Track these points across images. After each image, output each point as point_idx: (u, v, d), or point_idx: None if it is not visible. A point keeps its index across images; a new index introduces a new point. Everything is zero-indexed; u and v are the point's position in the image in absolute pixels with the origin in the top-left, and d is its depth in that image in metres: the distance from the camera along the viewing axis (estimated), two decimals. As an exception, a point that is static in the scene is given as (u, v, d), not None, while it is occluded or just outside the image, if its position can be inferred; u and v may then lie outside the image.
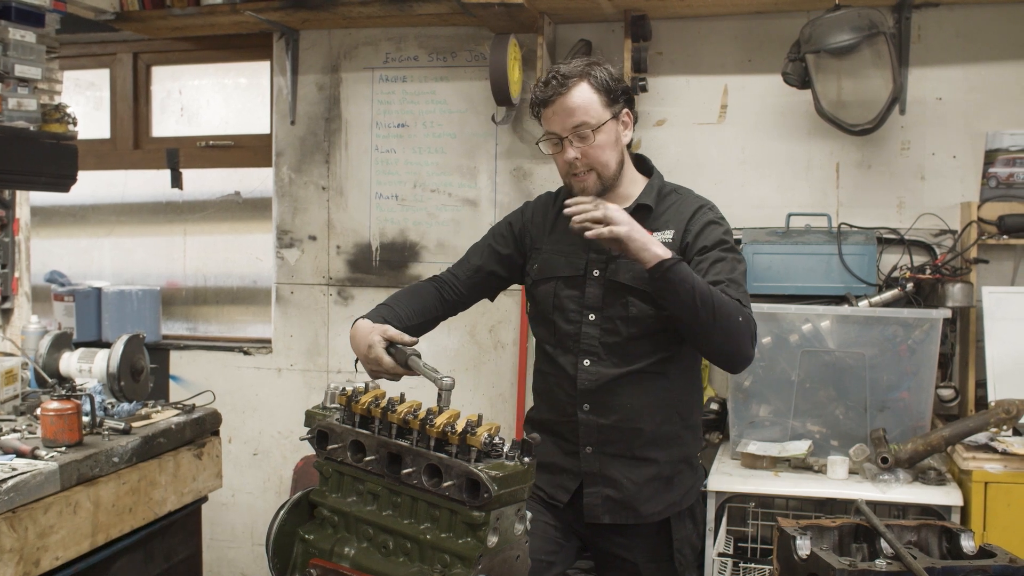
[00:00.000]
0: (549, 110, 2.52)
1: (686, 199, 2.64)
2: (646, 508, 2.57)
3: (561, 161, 2.55)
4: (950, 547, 2.16)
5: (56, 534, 2.62)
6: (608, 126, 2.51)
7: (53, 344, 3.41)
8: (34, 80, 3.18)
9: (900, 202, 3.95)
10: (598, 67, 2.53)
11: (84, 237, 5.15)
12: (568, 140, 2.50)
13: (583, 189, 2.54)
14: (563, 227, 2.63)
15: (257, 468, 4.73)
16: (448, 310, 2.75)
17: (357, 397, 2.05)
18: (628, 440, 2.55)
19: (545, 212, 2.75)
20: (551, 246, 2.67)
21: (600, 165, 2.52)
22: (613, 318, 2.53)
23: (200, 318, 5.02)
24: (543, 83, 2.53)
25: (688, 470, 2.65)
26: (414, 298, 2.68)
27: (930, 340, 3.49)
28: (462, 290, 2.75)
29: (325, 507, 2.09)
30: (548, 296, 2.63)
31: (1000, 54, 3.85)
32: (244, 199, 4.90)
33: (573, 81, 2.49)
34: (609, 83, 2.52)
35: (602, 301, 2.54)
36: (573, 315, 2.58)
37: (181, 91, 4.96)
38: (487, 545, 1.84)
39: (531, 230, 2.74)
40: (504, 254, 2.76)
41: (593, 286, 2.56)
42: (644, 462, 2.57)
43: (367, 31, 4.46)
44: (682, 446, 2.63)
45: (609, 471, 2.56)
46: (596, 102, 2.50)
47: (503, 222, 2.82)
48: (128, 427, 3.01)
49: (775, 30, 3.98)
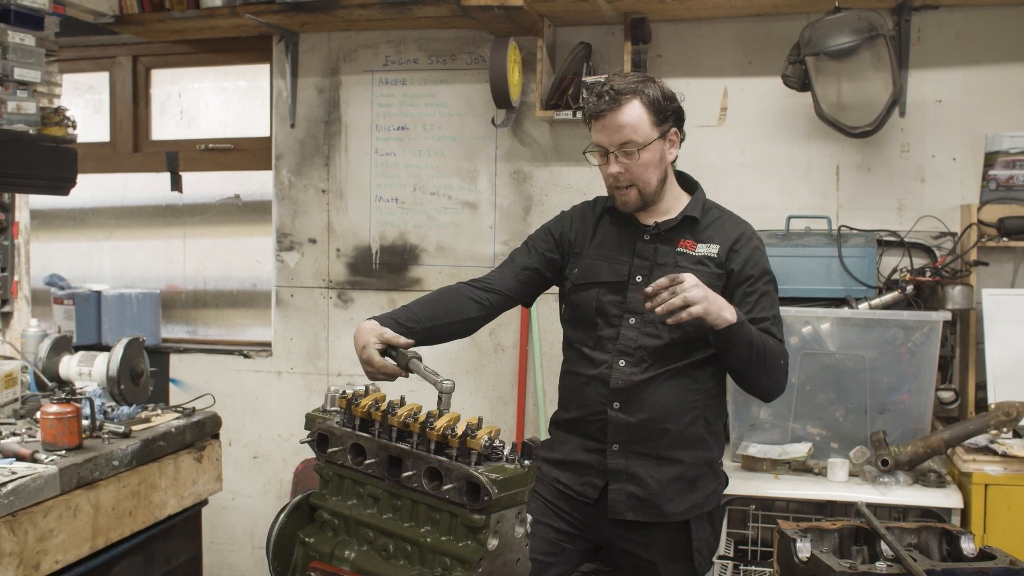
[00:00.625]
0: (599, 123, 2.57)
1: (728, 218, 2.73)
2: (669, 508, 2.60)
3: (606, 173, 2.62)
4: (950, 549, 2.16)
5: (56, 538, 2.61)
6: (654, 145, 2.57)
7: (53, 347, 3.41)
8: (33, 83, 3.18)
9: (900, 204, 3.95)
10: (652, 84, 2.58)
11: (84, 240, 5.15)
12: (614, 155, 2.57)
13: (624, 203, 2.63)
14: (604, 234, 2.73)
15: (257, 471, 4.73)
16: (488, 312, 2.74)
17: (357, 400, 2.05)
18: (654, 439, 2.59)
19: (584, 219, 2.80)
20: (594, 252, 2.72)
21: (642, 182, 2.59)
22: (655, 322, 2.57)
23: (200, 321, 5.02)
24: (596, 96, 2.58)
25: (711, 474, 2.69)
26: (438, 301, 2.68)
27: (930, 342, 3.49)
28: (511, 289, 2.77)
29: (325, 510, 2.09)
30: (591, 300, 2.68)
31: (1000, 56, 3.85)
32: (244, 202, 4.90)
33: (626, 98, 2.54)
34: (661, 102, 2.57)
35: (643, 305, 2.56)
36: (615, 319, 2.64)
37: (181, 94, 4.96)
38: (487, 548, 1.84)
39: (570, 235, 2.79)
40: (549, 256, 2.80)
41: (636, 291, 2.61)
42: (669, 462, 2.61)
43: (367, 34, 4.46)
44: (706, 450, 2.67)
45: (634, 468, 2.60)
46: (646, 121, 2.55)
47: (541, 229, 2.87)
48: (128, 430, 3.01)
49: (775, 33, 3.98)
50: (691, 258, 2.62)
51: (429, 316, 2.59)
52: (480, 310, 2.71)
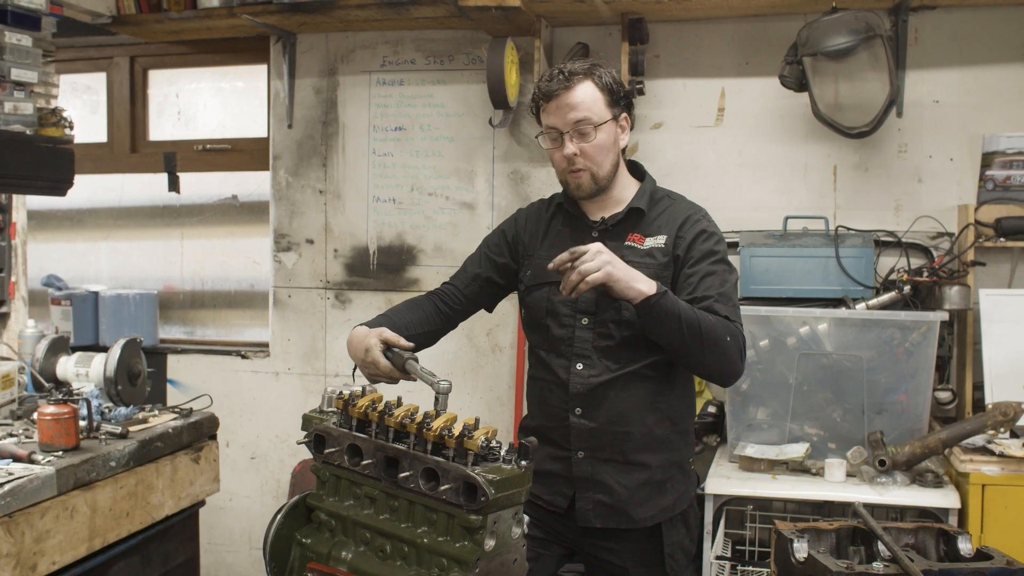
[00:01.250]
0: (552, 104, 2.52)
1: (678, 205, 2.65)
2: (638, 513, 2.55)
3: (559, 156, 2.55)
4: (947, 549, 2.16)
5: (53, 539, 2.61)
6: (608, 126, 2.52)
7: (50, 348, 3.41)
8: (30, 84, 3.17)
9: (897, 205, 3.95)
10: (603, 69, 2.55)
11: (81, 241, 5.15)
12: (568, 135, 2.51)
13: (578, 186, 2.56)
14: (556, 233, 2.67)
15: (255, 472, 4.73)
16: (447, 323, 2.75)
17: (354, 401, 2.05)
18: (619, 444, 2.54)
19: (538, 219, 2.75)
20: (545, 252, 2.64)
21: (596, 164, 2.53)
22: (606, 321, 2.52)
23: (197, 322, 5.01)
24: (547, 78, 2.53)
25: (680, 475, 2.63)
26: (412, 310, 2.68)
27: (927, 343, 3.49)
28: (461, 300, 2.76)
29: (322, 511, 2.08)
30: (541, 301, 2.63)
31: (997, 56, 3.86)
32: (241, 203, 4.90)
33: (578, 78, 2.50)
34: (613, 85, 2.54)
35: (595, 305, 2.54)
36: (566, 319, 2.58)
37: (178, 95, 4.96)
38: (484, 549, 1.83)
39: (524, 237, 2.74)
40: (500, 262, 2.75)
41: (586, 291, 2.52)
42: (636, 467, 2.55)
43: (364, 34, 4.46)
44: (674, 451, 2.61)
45: (601, 476, 2.55)
46: (599, 100, 2.51)
47: (496, 231, 2.82)
48: (125, 431, 3.01)
49: (772, 33, 3.98)
50: (639, 252, 2.55)
51: (407, 324, 2.58)
52: (440, 322, 2.72)
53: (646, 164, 4.08)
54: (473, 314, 2.83)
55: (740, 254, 3.87)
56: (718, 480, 3.42)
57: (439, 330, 2.73)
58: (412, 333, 2.55)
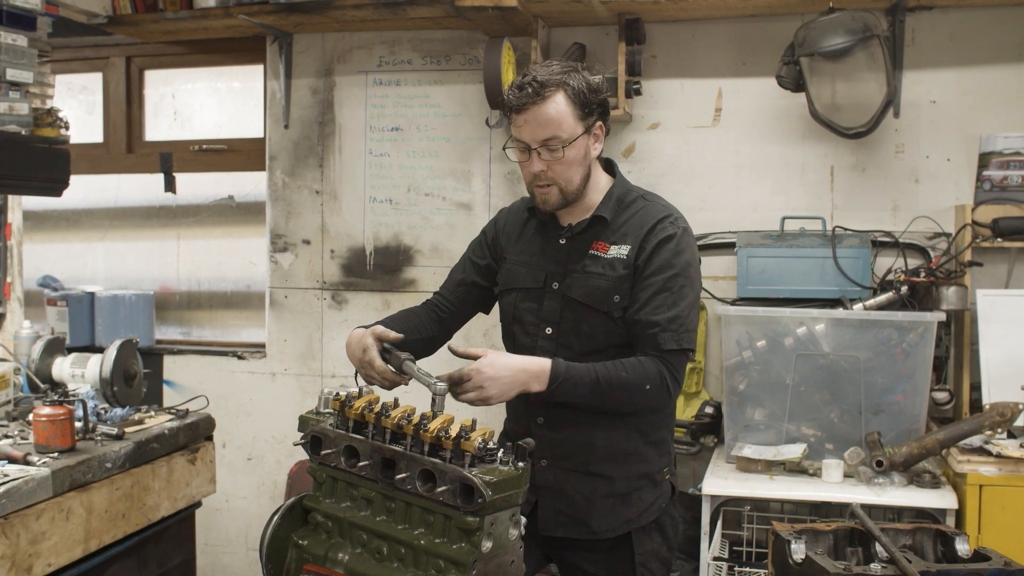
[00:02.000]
0: (521, 117, 2.41)
1: (650, 208, 2.53)
2: (598, 524, 2.50)
3: (526, 171, 2.47)
4: (945, 550, 2.16)
5: (48, 540, 2.61)
6: (579, 142, 2.42)
7: (46, 349, 3.40)
8: (26, 84, 3.17)
9: (894, 205, 3.95)
10: (576, 75, 2.42)
11: (77, 241, 5.13)
12: (536, 151, 2.41)
13: (545, 201, 2.48)
14: (528, 238, 2.61)
15: (251, 473, 4.72)
16: (443, 330, 2.72)
17: (351, 402, 2.05)
18: (582, 455, 2.49)
19: (517, 219, 2.69)
20: (515, 256, 2.62)
21: (564, 180, 2.44)
22: (568, 333, 2.48)
23: (194, 322, 5.00)
24: (517, 87, 2.40)
25: (649, 486, 2.55)
26: (408, 318, 2.65)
27: (924, 343, 3.49)
28: (451, 307, 2.72)
29: (319, 512, 2.08)
30: (509, 307, 2.60)
31: (994, 57, 3.85)
32: (238, 203, 4.89)
33: (550, 91, 2.37)
34: (586, 94, 2.41)
35: (559, 315, 2.49)
36: (531, 328, 2.54)
37: (174, 95, 4.95)
38: (481, 550, 1.83)
39: (501, 240, 2.69)
40: (482, 264, 2.71)
41: (552, 300, 2.51)
42: (598, 478, 2.49)
43: (361, 34, 4.46)
44: (643, 462, 2.53)
45: (562, 485, 2.50)
46: (570, 115, 2.39)
47: (480, 234, 2.79)
48: (121, 432, 3.00)
49: (769, 33, 3.98)
50: (602, 261, 2.47)
51: (410, 330, 2.55)
52: (437, 329, 2.69)
53: (643, 164, 4.13)
54: (468, 319, 2.79)
55: (737, 254, 3.87)
56: (715, 481, 3.42)
57: (436, 337, 2.70)
58: (409, 339, 2.51)
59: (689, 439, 3.85)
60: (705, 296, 4.06)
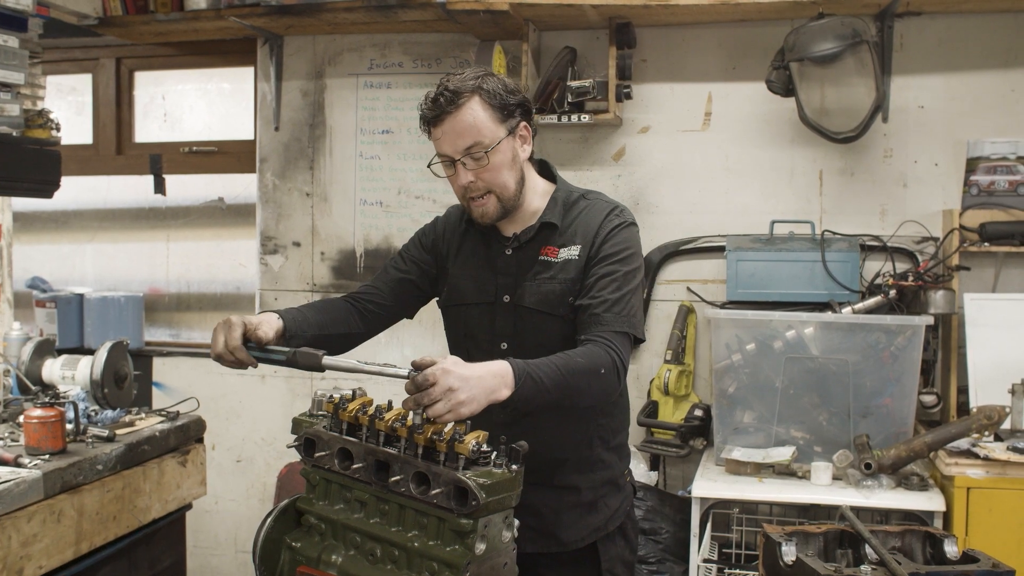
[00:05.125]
0: (439, 130, 2.33)
1: (594, 205, 2.47)
2: (567, 535, 2.46)
3: (456, 185, 2.38)
4: (934, 552, 2.18)
5: (39, 543, 2.60)
6: (503, 145, 2.33)
7: (35, 351, 3.39)
8: (16, 85, 3.16)
9: (883, 209, 3.97)
10: (491, 78, 2.35)
11: (66, 243, 5.12)
12: (461, 163, 2.33)
13: (483, 214, 2.39)
14: (469, 250, 2.53)
15: (241, 475, 4.71)
16: (368, 326, 2.58)
17: (344, 404, 2.05)
18: (548, 469, 2.42)
19: (455, 229, 2.59)
20: (459, 270, 2.53)
21: (498, 187, 2.36)
22: (525, 345, 2.36)
23: (183, 324, 5.00)
24: (431, 100, 2.32)
25: (613, 491, 2.53)
26: (329, 307, 2.53)
27: (913, 346, 3.51)
28: (384, 303, 2.59)
29: (312, 515, 2.08)
30: (458, 323, 2.53)
31: (981, 63, 3.88)
32: (228, 205, 4.88)
33: (464, 98, 2.29)
34: (503, 96, 2.33)
35: (513, 328, 2.42)
36: (485, 344, 2.45)
37: (164, 96, 4.94)
38: (475, 552, 1.84)
39: (441, 248, 2.59)
40: (423, 268, 2.61)
41: (504, 313, 2.44)
42: (565, 490, 2.45)
43: (352, 37, 4.46)
44: (605, 469, 2.51)
45: (529, 500, 2.29)
46: (488, 119, 2.31)
47: (415, 238, 2.67)
48: (112, 434, 3.00)
49: (759, 38, 4.00)
50: (553, 266, 2.39)
51: (320, 323, 2.44)
52: (362, 325, 2.55)
53: (633, 168, 4.15)
54: (395, 321, 2.66)
55: (727, 258, 3.88)
56: (705, 483, 3.43)
57: (358, 335, 2.56)
58: (323, 334, 2.42)
59: (678, 442, 3.85)
60: (694, 299, 4.09)
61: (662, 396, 4.07)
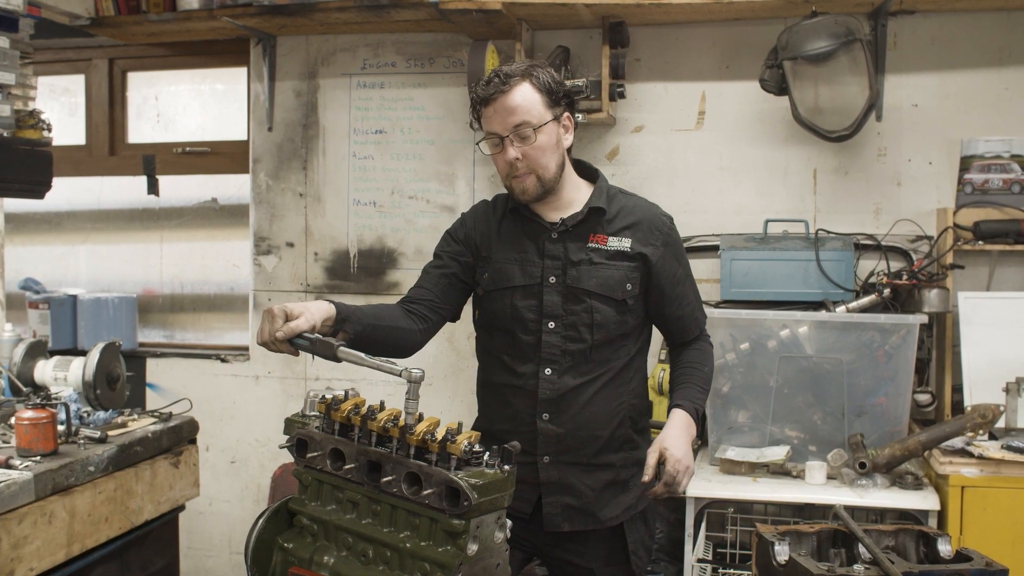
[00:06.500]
0: (490, 108, 2.47)
1: (634, 202, 2.65)
2: (604, 513, 2.57)
3: (502, 162, 2.52)
4: (927, 551, 2.17)
5: (31, 544, 2.59)
6: (549, 127, 2.48)
7: (28, 352, 3.38)
8: (8, 86, 3.15)
9: (877, 208, 3.97)
10: (540, 69, 2.50)
11: (59, 244, 5.11)
12: (509, 139, 2.47)
13: (523, 190, 2.52)
14: (510, 235, 2.61)
15: (235, 476, 4.70)
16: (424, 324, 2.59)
17: (337, 405, 2.04)
18: (586, 447, 2.54)
19: (487, 220, 2.69)
20: (501, 254, 2.61)
21: (540, 167, 2.49)
22: (576, 325, 2.52)
23: (177, 325, 4.99)
24: (485, 82, 2.49)
25: (640, 472, 2.57)
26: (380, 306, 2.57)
27: (907, 345, 3.51)
28: (435, 300, 2.62)
29: (304, 515, 2.07)
30: (504, 306, 2.58)
31: (975, 61, 3.88)
32: (221, 206, 4.87)
33: (515, 80, 2.45)
34: (551, 85, 2.49)
35: (562, 308, 2.52)
36: (532, 325, 2.54)
37: (157, 97, 4.93)
38: (467, 553, 1.83)
39: (475, 238, 2.67)
40: (462, 261, 2.67)
41: (551, 294, 2.53)
42: (600, 468, 2.57)
43: (345, 37, 4.45)
44: (635, 449, 2.63)
45: (568, 479, 2.55)
46: (538, 102, 2.46)
47: (445, 236, 2.75)
48: (104, 436, 2.98)
49: (753, 37, 4.00)
50: (604, 253, 2.54)
51: (375, 315, 2.45)
52: (418, 322, 2.57)
53: (627, 167, 4.14)
54: (446, 320, 2.69)
55: (721, 257, 3.88)
56: (699, 483, 3.42)
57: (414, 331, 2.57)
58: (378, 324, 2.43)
59: (673, 441, 3.84)
60: (689, 299, 4.08)
61: (656, 396, 4.06)
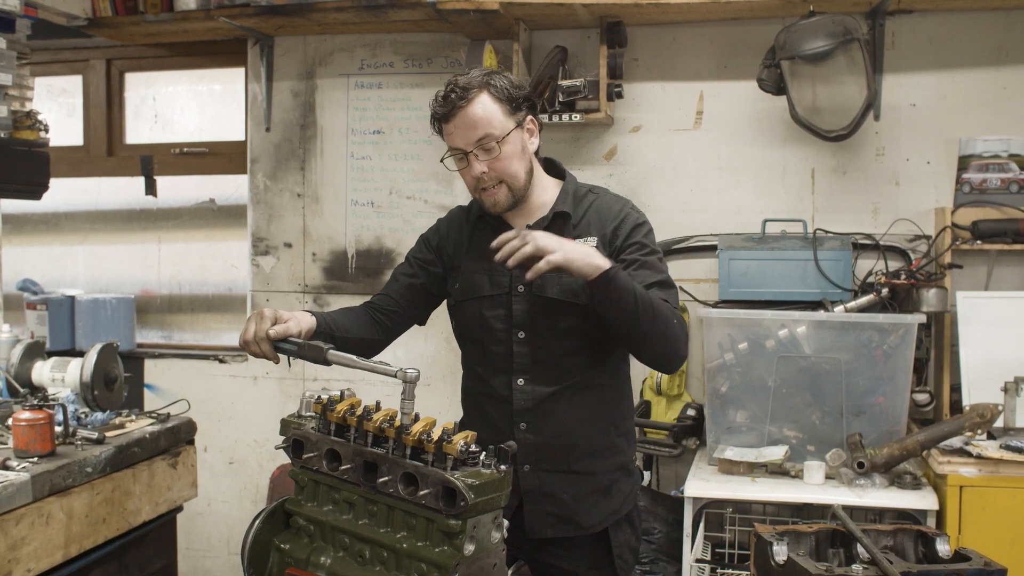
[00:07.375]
0: (451, 124, 2.44)
1: (603, 199, 2.58)
2: (586, 520, 2.53)
3: (468, 177, 2.48)
4: (926, 551, 2.17)
5: (28, 546, 2.58)
6: (513, 136, 2.44)
7: (25, 353, 3.37)
8: (5, 86, 3.15)
9: (875, 208, 3.97)
10: (498, 76, 2.46)
11: (57, 245, 5.11)
12: (473, 154, 2.43)
13: (494, 203, 2.48)
14: (480, 244, 2.55)
15: (233, 477, 4.70)
16: (385, 333, 2.63)
17: (332, 405, 2.04)
18: (565, 455, 2.51)
19: (460, 228, 2.67)
20: (471, 264, 2.58)
21: (509, 177, 2.45)
22: (544, 334, 2.47)
23: (175, 326, 4.98)
24: (442, 97, 2.44)
25: (625, 477, 2.60)
26: (350, 314, 2.58)
27: (905, 345, 3.51)
28: (397, 310, 2.64)
29: (301, 516, 2.07)
30: (474, 317, 2.56)
31: (972, 61, 3.88)
32: (219, 206, 4.87)
33: (473, 92, 2.40)
34: (510, 91, 2.44)
35: (530, 318, 2.49)
36: (501, 335, 2.51)
37: (155, 97, 4.93)
38: (464, 553, 1.83)
39: (448, 248, 2.65)
40: (431, 271, 2.66)
41: (520, 303, 2.49)
42: (582, 475, 2.52)
43: (342, 37, 4.45)
44: (618, 454, 2.59)
45: (548, 487, 2.51)
46: (498, 112, 2.42)
47: (420, 241, 2.74)
48: (102, 436, 2.98)
49: (750, 37, 4.00)
50: None
51: (347, 327, 2.49)
52: (380, 332, 2.60)
53: (625, 167, 4.14)
54: (408, 327, 2.71)
55: (719, 257, 3.88)
56: (697, 483, 3.42)
57: (379, 341, 2.62)
58: (349, 337, 2.47)
59: (671, 441, 3.85)
60: (687, 298, 4.08)
61: (655, 396, 4.07)
